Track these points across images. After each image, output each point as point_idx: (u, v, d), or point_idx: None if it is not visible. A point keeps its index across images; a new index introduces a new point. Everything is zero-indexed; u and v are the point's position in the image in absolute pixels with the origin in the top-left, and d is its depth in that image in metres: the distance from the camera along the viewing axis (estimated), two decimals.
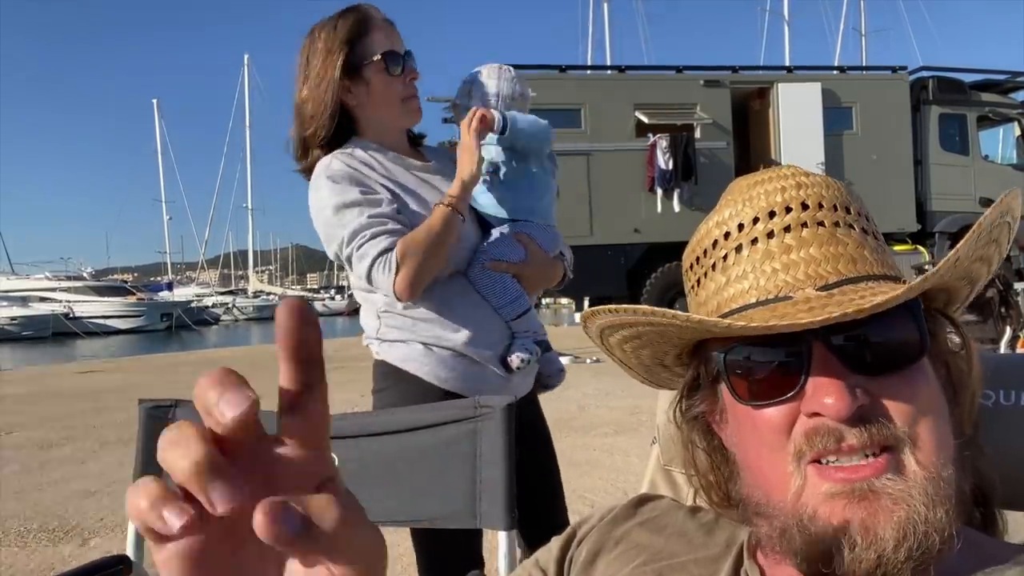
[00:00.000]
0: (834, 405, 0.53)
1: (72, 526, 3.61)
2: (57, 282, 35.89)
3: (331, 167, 1.51)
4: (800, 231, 0.60)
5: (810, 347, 0.55)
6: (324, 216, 1.50)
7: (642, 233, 10.68)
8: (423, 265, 1.45)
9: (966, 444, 0.59)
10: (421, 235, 1.46)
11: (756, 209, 0.62)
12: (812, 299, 0.56)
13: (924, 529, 0.51)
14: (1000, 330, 6.33)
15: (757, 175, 0.65)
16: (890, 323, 0.55)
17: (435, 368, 1.55)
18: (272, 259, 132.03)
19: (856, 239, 0.60)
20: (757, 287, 0.60)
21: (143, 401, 1.43)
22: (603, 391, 6.96)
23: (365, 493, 1.49)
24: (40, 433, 6.04)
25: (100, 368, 12.16)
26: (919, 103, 11.82)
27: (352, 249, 1.47)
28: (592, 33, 28.97)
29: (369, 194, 1.49)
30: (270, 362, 3.84)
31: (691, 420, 0.68)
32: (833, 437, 0.54)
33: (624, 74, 11.67)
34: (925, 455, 0.54)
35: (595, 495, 3.80)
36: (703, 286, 0.64)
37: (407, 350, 1.56)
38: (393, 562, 3.03)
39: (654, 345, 0.68)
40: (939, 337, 0.62)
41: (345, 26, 1.54)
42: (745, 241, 0.61)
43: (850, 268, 0.58)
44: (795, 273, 0.58)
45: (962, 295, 0.66)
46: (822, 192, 0.62)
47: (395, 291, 1.46)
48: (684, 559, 0.67)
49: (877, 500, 0.52)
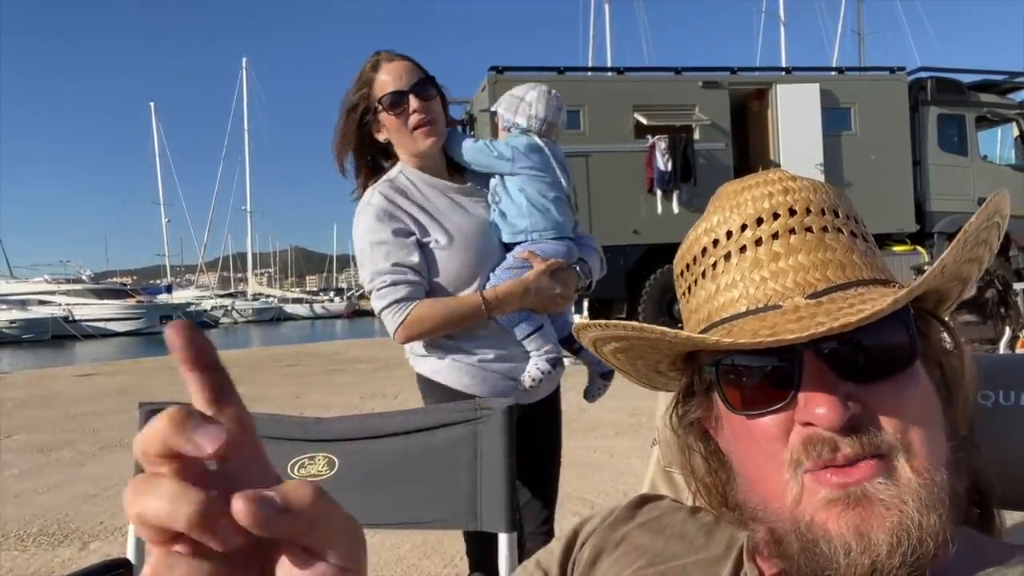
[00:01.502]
0: (826, 415, 0.53)
1: (72, 529, 3.60)
2: (56, 285, 35.87)
3: (372, 201, 1.69)
4: (788, 237, 0.60)
5: (800, 356, 0.55)
6: (360, 246, 1.70)
7: (641, 234, 10.68)
8: (425, 334, 1.66)
9: (961, 444, 0.59)
10: (440, 313, 1.64)
11: (744, 216, 0.62)
12: (801, 308, 0.56)
13: (918, 535, 0.52)
14: (999, 330, 6.34)
15: (744, 180, 0.65)
16: (880, 330, 0.55)
17: (460, 376, 1.69)
18: (271, 261, 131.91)
19: (845, 243, 0.60)
20: (747, 296, 0.60)
21: (143, 404, 1.43)
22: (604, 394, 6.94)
23: (366, 495, 1.49)
24: (40, 436, 6.03)
25: (99, 371, 12.15)
26: (918, 104, 11.82)
27: (373, 287, 1.66)
28: (593, 35, 29.00)
29: (400, 235, 1.66)
30: (269, 365, 3.86)
31: (687, 425, 0.68)
32: (828, 447, 0.54)
33: (623, 76, 11.68)
34: (918, 461, 0.54)
35: (596, 497, 3.80)
36: (694, 293, 0.65)
37: (435, 363, 1.72)
38: (394, 563, 3.03)
39: (646, 355, 0.69)
40: (931, 338, 0.62)
41: (359, 83, 1.75)
42: (734, 249, 0.61)
43: (839, 274, 0.58)
44: (784, 281, 0.58)
45: (953, 295, 0.66)
46: (810, 196, 0.61)
47: (394, 336, 1.66)
48: (685, 561, 0.67)
49: (871, 506, 0.53)
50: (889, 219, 11.36)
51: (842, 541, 0.53)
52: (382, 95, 1.71)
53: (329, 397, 7.79)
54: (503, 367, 1.70)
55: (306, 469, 1.31)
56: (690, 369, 0.67)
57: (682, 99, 11.13)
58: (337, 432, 1.33)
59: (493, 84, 10.26)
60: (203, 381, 0.34)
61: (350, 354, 13.63)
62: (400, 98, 1.70)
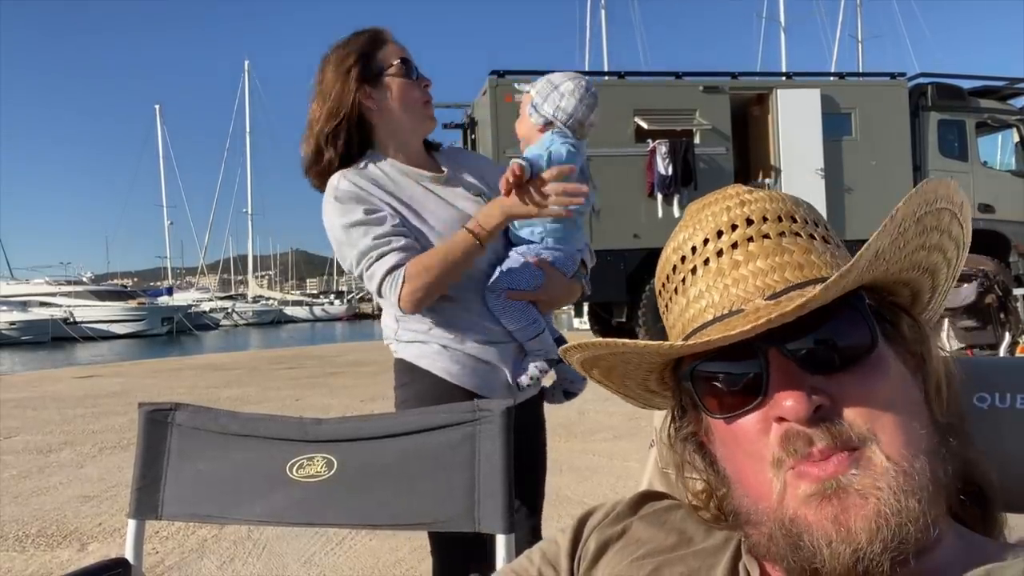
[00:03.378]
0: (792, 408, 0.56)
1: (71, 530, 3.59)
2: (57, 287, 35.90)
3: (339, 187, 1.57)
4: (747, 245, 0.63)
5: (766, 355, 0.58)
6: (335, 235, 1.58)
7: (641, 239, 10.68)
8: (431, 286, 1.51)
9: (943, 433, 0.61)
10: (435, 260, 1.51)
11: (705, 231, 0.65)
12: (760, 308, 0.59)
13: (897, 520, 0.53)
14: (999, 336, 6.34)
15: (706, 198, 0.68)
16: (840, 322, 0.59)
17: (447, 364, 1.60)
18: (272, 264, 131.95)
19: (803, 246, 0.63)
20: (713, 304, 0.62)
21: (143, 404, 1.43)
22: (602, 396, 6.90)
23: (364, 497, 1.49)
24: (39, 437, 6.03)
25: (99, 372, 12.15)
26: (918, 109, 11.84)
27: (362, 269, 1.54)
28: (589, 40, 29.07)
29: (372, 213, 1.54)
30: (269, 367, 3.88)
31: (683, 440, 0.71)
32: (803, 441, 0.56)
33: (624, 80, 11.69)
34: (891, 448, 0.56)
35: (595, 500, 3.78)
36: (670, 309, 0.68)
37: (422, 348, 1.62)
38: (393, 566, 3.03)
39: (631, 373, 0.72)
40: (901, 330, 0.64)
41: (358, 41, 1.61)
42: (699, 262, 0.64)
43: (796, 274, 0.61)
44: (745, 286, 0.61)
45: (924, 286, 0.68)
46: (765, 206, 0.65)
47: (399, 306, 1.52)
48: (683, 552, 0.69)
49: (847, 497, 0.55)
50: None
51: (822, 532, 0.54)
52: (395, 59, 1.61)
53: (329, 399, 7.79)
54: (491, 357, 1.62)
55: (304, 470, 1.31)
56: (674, 383, 0.70)
57: (683, 103, 11.14)
58: (336, 433, 1.34)
59: (494, 88, 10.28)
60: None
61: (350, 357, 13.62)
62: (415, 67, 1.63)
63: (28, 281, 39.53)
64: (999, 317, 6.37)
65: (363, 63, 1.59)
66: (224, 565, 3.11)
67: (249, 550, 3.26)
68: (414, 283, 1.49)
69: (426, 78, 1.66)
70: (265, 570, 3.04)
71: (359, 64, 1.59)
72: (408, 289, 1.49)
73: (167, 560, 3.16)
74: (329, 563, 3.08)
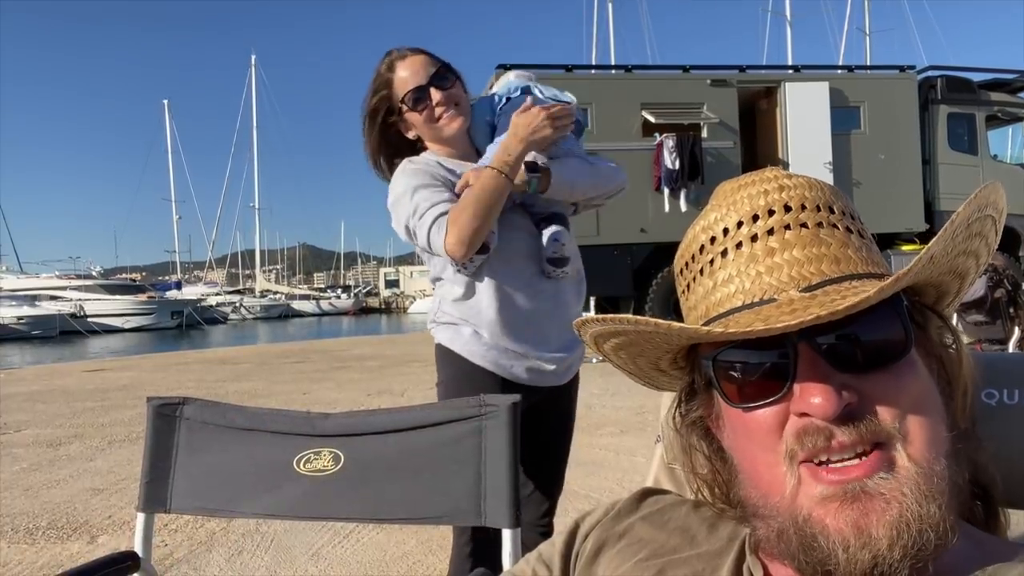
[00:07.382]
0: (820, 405, 0.54)
1: (80, 523, 3.63)
2: (67, 281, 36.09)
3: (405, 167, 1.74)
4: (783, 233, 0.60)
5: (796, 348, 0.56)
6: (395, 194, 1.70)
7: (648, 233, 10.65)
8: (470, 224, 1.57)
9: (961, 437, 0.59)
10: (470, 200, 1.60)
11: (740, 213, 0.62)
12: (795, 300, 0.57)
13: (918, 526, 0.52)
14: (1009, 331, 6.30)
15: (741, 179, 0.66)
16: (874, 321, 0.56)
17: (477, 348, 1.69)
18: (279, 258, 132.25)
19: (840, 238, 0.61)
20: (743, 291, 0.60)
21: (151, 398, 1.44)
22: (609, 391, 6.96)
23: (371, 490, 1.50)
24: (49, 431, 6.08)
25: (108, 366, 12.23)
26: (927, 102, 11.75)
27: (416, 219, 1.64)
28: (596, 33, 28.98)
29: (435, 183, 1.68)
30: (277, 361, 3.88)
31: (690, 424, 0.69)
32: (823, 435, 0.54)
33: (631, 74, 11.64)
34: (916, 450, 0.54)
35: (601, 495, 3.80)
36: (692, 290, 0.65)
37: (454, 331, 1.72)
38: (398, 560, 3.04)
39: (647, 352, 0.69)
40: (929, 332, 0.62)
41: (375, 85, 1.77)
42: (730, 245, 0.62)
43: (833, 268, 0.59)
44: (779, 275, 0.59)
45: (952, 289, 0.66)
46: (805, 193, 0.62)
47: (446, 250, 1.59)
48: (687, 554, 0.68)
49: (870, 500, 0.53)
50: (898, 218, 11.30)
51: (840, 536, 0.53)
52: (403, 94, 1.72)
53: (336, 393, 7.82)
54: (524, 348, 1.69)
55: (312, 464, 1.32)
56: (690, 366, 0.68)
57: (690, 97, 11.08)
58: (343, 427, 1.34)
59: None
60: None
61: (357, 351, 13.66)
62: (422, 94, 1.72)
63: (39, 276, 39.76)
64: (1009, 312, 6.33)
65: (385, 110, 1.77)
66: (232, 558, 3.13)
67: (257, 543, 3.29)
68: (458, 226, 1.57)
69: (439, 92, 1.72)
70: (273, 563, 3.06)
71: (381, 113, 1.77)
72: (453, 235, 1.58)
73: (176, 553, 3.19)
74: (336, 556, 3.10)
